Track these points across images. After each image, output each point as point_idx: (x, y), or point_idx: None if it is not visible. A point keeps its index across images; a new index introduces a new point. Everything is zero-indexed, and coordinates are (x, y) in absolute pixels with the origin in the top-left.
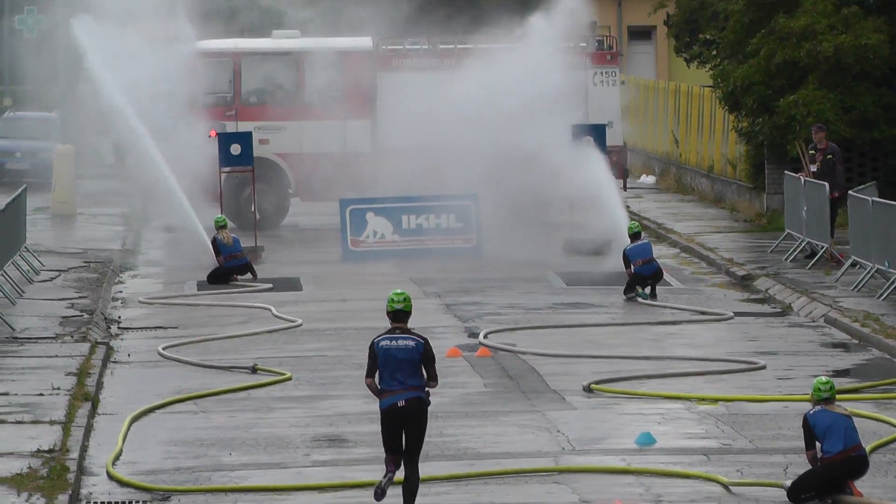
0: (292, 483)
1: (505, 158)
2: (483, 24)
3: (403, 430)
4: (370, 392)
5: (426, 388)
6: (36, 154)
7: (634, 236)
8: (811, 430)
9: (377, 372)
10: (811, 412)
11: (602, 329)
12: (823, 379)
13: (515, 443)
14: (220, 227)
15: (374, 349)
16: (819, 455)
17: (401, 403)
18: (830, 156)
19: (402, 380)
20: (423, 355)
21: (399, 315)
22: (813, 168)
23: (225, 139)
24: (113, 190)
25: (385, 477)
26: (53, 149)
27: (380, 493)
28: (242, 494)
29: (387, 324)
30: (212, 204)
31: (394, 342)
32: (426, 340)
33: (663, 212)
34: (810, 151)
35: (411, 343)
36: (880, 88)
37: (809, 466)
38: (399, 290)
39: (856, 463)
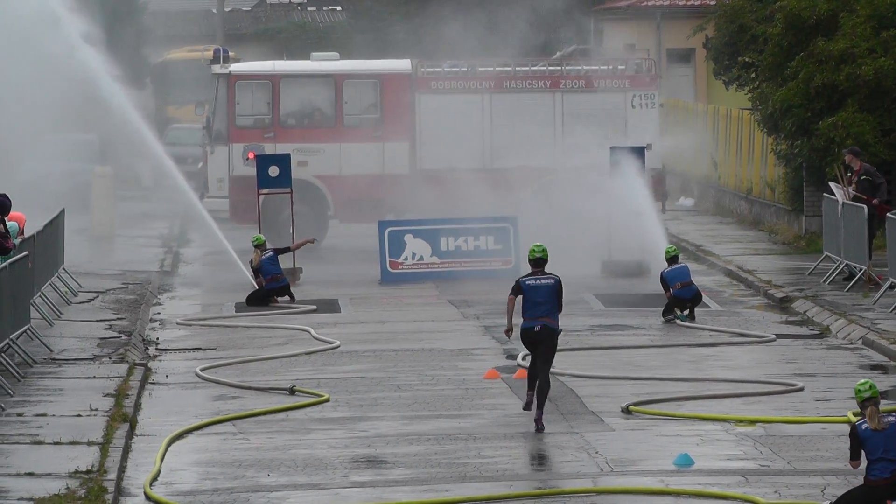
0: None
1: (542, 180)
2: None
3: (537, 348)
4: (507, 310)
5: (556, 317)
6: (75, 176)
7: (672, 260)
8: (860, 444)
9: (519, 297)
10: (862, 426)
11: (640, 351)
12: (862, 380)
13: (554, 464)
14: (258, 245)
15: (519, 286)
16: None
17: (537, 328)
18: (865, 176)
19: (540, 311)
20: (559, 289)
21: (539, 262)
22: (850, 189)
23: (263, 161)
24: (151, 212)
25: (529, 392)
26: (92, 170)
27: (529, 405)
28: None
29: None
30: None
31: (537, 281)
32: (559, 278)
33: (702, 234)
34: (847, 174)
35: (551, 281)
36: None
37: (847, 489)
38: (538, 243)
39: None
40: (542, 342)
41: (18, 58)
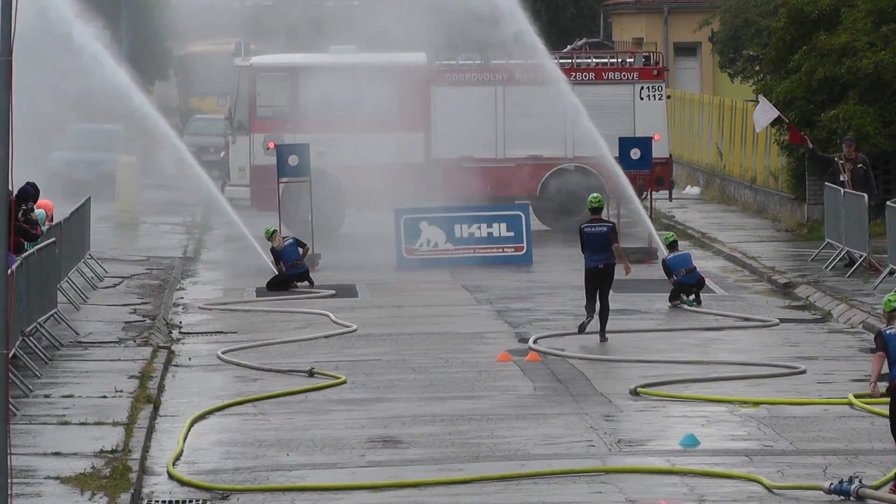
0: (348, 483)
1: (550, 168)
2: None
3: (600, 283)
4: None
5: (613, 255)
6: (100, 165)
7: (671, 246)
8: (884, 344)
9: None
10: (888, 331)
11: (648, 335)
12: (893, 293)
13: (564, 444)
14: (270, 236)
15: (581, 233)
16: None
17: (601, 266)
18: (861, 164)
19: (599, 252)
20: (610, 233)
21: (596, 210)
22: (843, 177)
23: (283, 151)
24: (175, 199)
25: (587, 318)
26: (117, 159)
27: (583, 328)
28: (300, 494)
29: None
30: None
31: (593, 228)
32: (613, 224)
33: (708, 221)
34: (840, 161)
35: (604, 228)
36: None
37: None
38: (595, 194)
39: None
40: (605, 276)
41: (43, 53)
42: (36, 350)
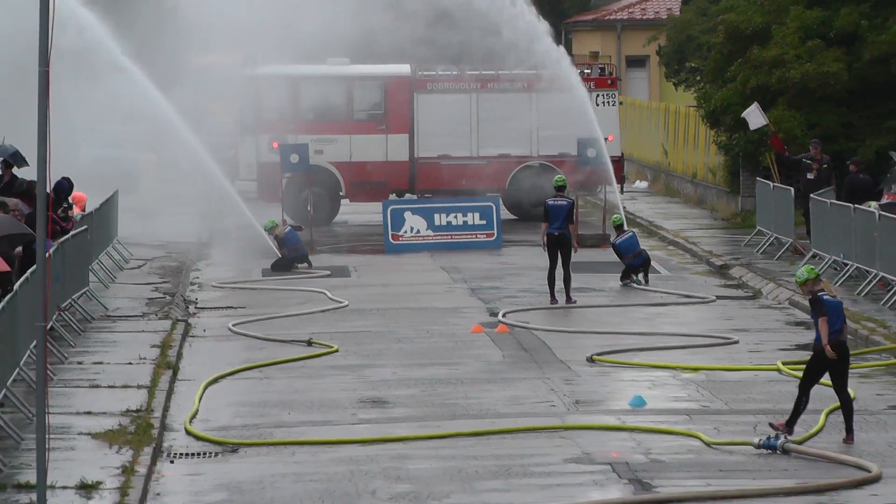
0: (342, 437)
1: (517, 165)
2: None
3: (557, 250)
4: (542, 232)
5: (568, 228)
6: (124, 161)
7: (618, 228)
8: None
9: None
10: (824, 296)
11: (602, 310)
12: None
13: (529, 404)
14: (271, 228)
15: (546, 205)
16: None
17: (556, 234)
18: (826, 165)
19: (558, 223)
20: (570, 209)
21: (560, 188)
22: (810, 175)
23: (286, 149)
24: (191, 192)
25: (550, 268)
26: (139, 157)
27: (553, 300)
28: (299, 447)
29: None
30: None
31: (556, 202)
32: (573, 200)
33: (654, 212)
34: (806, 161)
35: (564, 202)
36: (840, 109)
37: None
38: (560, 175)
39: None
40: (560, 244)
41: (72, 70)
42: (70, 323)
